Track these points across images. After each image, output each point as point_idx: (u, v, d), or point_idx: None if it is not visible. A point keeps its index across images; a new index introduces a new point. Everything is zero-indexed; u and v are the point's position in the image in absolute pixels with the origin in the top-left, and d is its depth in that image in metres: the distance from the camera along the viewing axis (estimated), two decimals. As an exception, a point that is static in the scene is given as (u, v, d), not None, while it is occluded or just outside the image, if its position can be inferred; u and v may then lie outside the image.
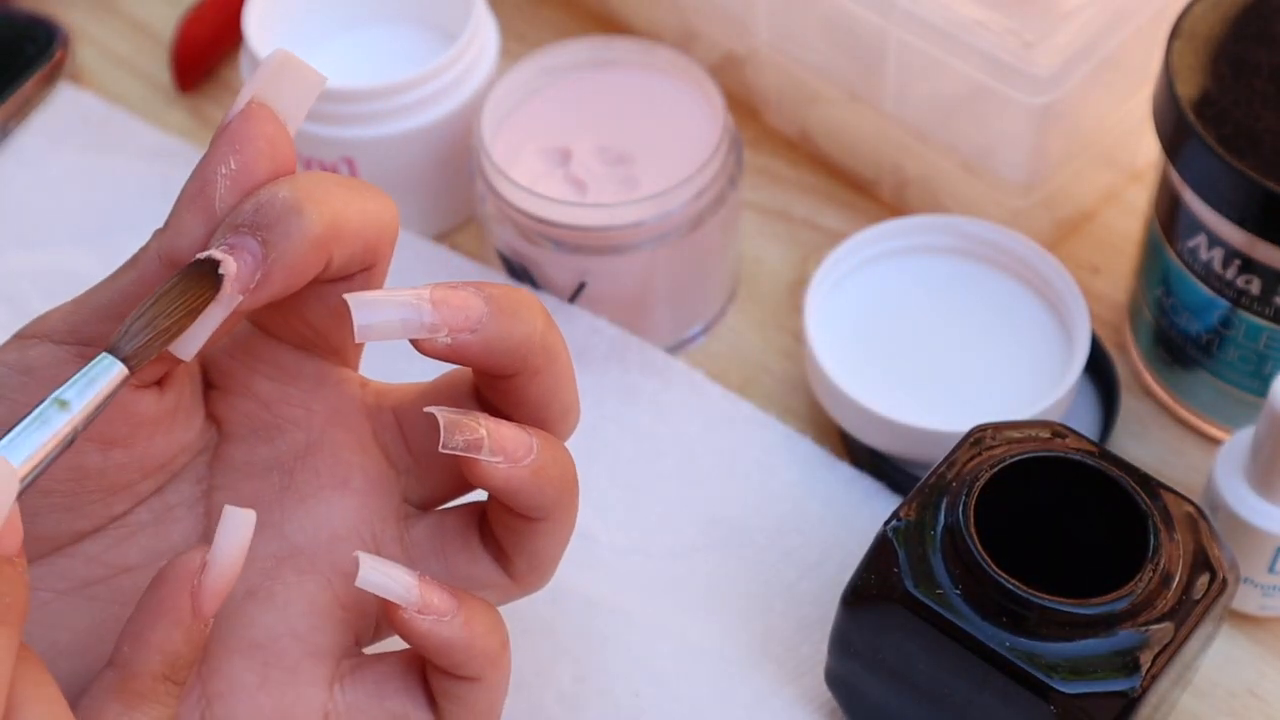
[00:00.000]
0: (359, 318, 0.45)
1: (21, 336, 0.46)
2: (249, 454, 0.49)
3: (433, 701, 0.48)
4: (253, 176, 0.45)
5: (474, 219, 0.73)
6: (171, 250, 0.45)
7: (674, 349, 0.69)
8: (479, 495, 0.50)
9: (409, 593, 0.46)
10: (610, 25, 0.79)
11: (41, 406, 0.41)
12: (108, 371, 0.42)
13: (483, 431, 0.46)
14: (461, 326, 0.46)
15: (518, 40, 0.78)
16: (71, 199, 0.73)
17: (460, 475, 0.49)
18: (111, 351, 0.43)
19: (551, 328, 0.48)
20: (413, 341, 0.46)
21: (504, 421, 0.47)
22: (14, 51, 0.75)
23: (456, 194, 0.72)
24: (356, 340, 0.45)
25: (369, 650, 0.50)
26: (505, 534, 0.49)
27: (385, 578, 0.46)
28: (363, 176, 0.69)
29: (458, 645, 0.46)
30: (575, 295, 0.66)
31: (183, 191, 0.46)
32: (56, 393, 0.42)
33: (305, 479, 0.48)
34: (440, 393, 0.50)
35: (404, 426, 0.50)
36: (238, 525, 0.44)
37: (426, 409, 0.46)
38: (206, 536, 0.48)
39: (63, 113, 0.75)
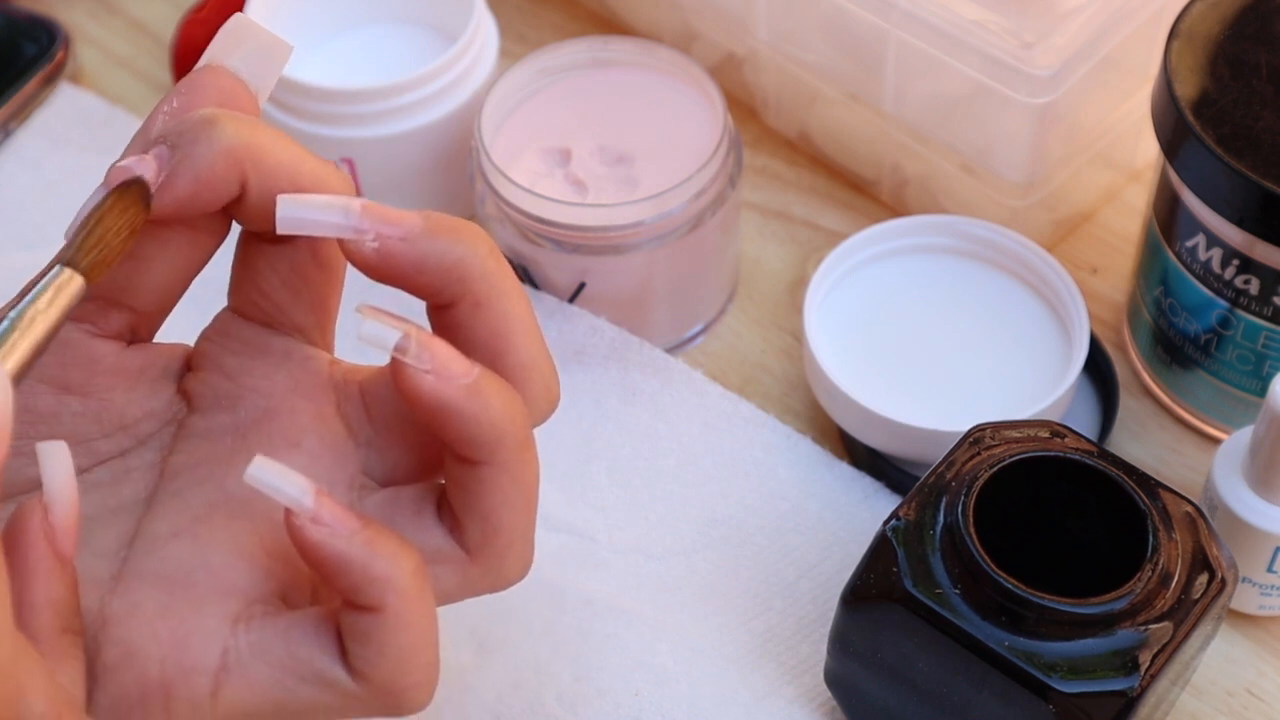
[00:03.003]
0: (281, 209, 0.45)
1: None
2: (210, 422, 0.48)
3: (345, 655, 0.45)
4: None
5: (474, 219, 0.73)
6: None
7: (674, 349, 0.69)
8: None
9: (303, 496, 0.44)
10: (610, 25, 0.79)
11: (18, 309, 0.42)
12: (70, 282, 0.43)
13: (410, 331, 0.44)
14: (390, 235, 0.45)
15: (518, 40, 0.78)
16: (72, 199, 0.72)
17: (426, 455, 0.49)
18: (69, 265, 0.43)
19: (497, 259, 0.46)
20: (341, 245, 0.45)
21: (442, 340, 0.45)
22: (15, 52, 0.75)
23: (456, 194, 0.72)
24: (278, 232, 0.45)
25: None
26: (453, 487, 0.47)
27: (275, 476, 0.44)
28: (362, 176, 0.69)
29: (355, 563, 0.44)
30: (575, 295, 0.66)
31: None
32: (28, 301, 0.42)
33: (257, 441, 0.48)
34: None
35: (368, 401, 0.49)
36: (54, 455, 0.43)
37: (355, 308, 0.45)
38: (152, 496, 0.48)
39: (63, 113, 0.75)
